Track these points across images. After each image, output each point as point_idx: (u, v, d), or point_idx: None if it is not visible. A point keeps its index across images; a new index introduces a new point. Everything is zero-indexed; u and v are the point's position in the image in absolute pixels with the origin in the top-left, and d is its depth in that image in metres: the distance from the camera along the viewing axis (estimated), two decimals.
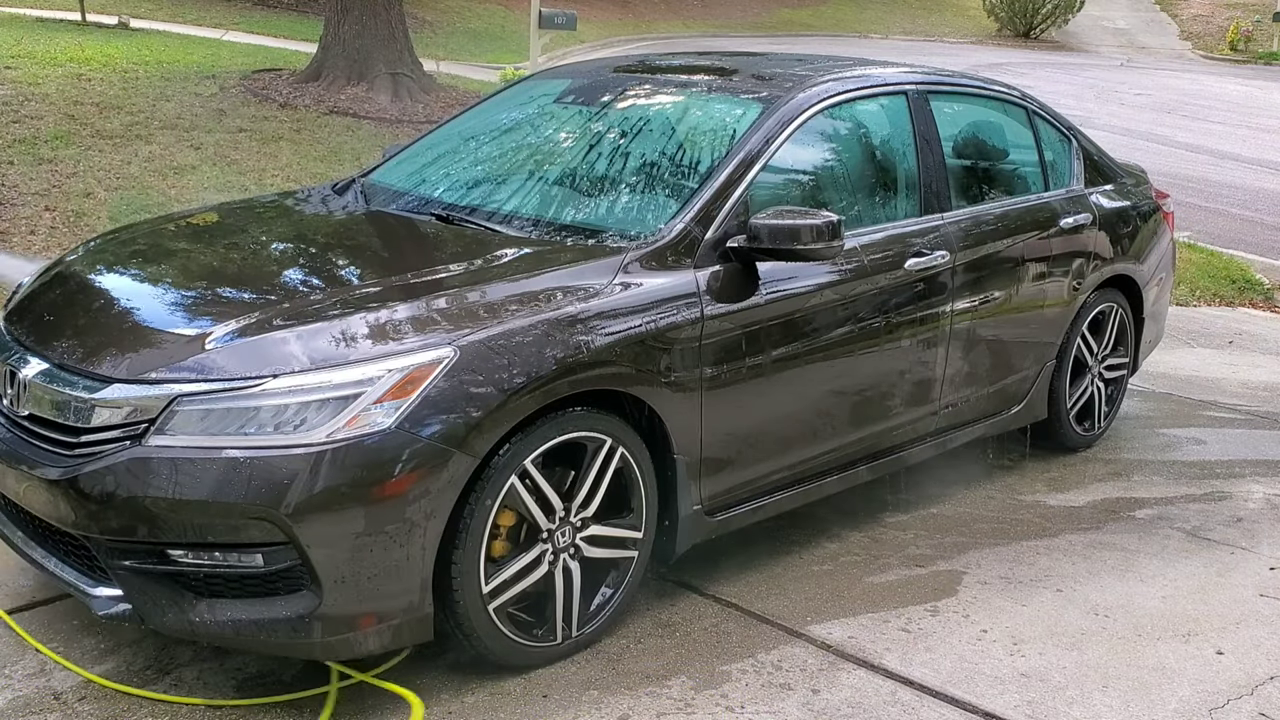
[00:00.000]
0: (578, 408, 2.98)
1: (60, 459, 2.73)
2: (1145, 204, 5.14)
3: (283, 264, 3.45)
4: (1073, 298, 4.64)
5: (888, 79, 4.19)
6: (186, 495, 2.59)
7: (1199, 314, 7.84)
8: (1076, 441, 4.95)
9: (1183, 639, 3.41)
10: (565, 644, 3.08)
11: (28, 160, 7.53)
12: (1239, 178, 13.14)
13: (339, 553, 2.62)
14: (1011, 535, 4.09)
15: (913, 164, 4.08)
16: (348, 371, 2.67)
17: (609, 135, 3.89)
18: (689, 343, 3.18)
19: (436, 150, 4.22)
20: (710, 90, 3.98)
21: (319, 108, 10.08)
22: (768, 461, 3.54)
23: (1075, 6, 30.23)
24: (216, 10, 18.53)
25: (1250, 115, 18.71)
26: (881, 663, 3.18)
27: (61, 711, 2.77)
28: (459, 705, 2.87)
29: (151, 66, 11.18)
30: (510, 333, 2.85)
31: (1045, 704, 3.03)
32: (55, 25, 14.10)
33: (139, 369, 2.74)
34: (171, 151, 8.15)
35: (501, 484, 2.83)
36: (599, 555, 3.12)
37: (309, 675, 2.96)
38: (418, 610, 2.76)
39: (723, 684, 3.03)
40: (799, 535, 3.94)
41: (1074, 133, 4.94)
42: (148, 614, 2.70)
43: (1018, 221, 4.41)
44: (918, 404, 4.04)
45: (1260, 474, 4.87)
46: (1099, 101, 18.38)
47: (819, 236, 3.28)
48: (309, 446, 2.59)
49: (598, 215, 3.49)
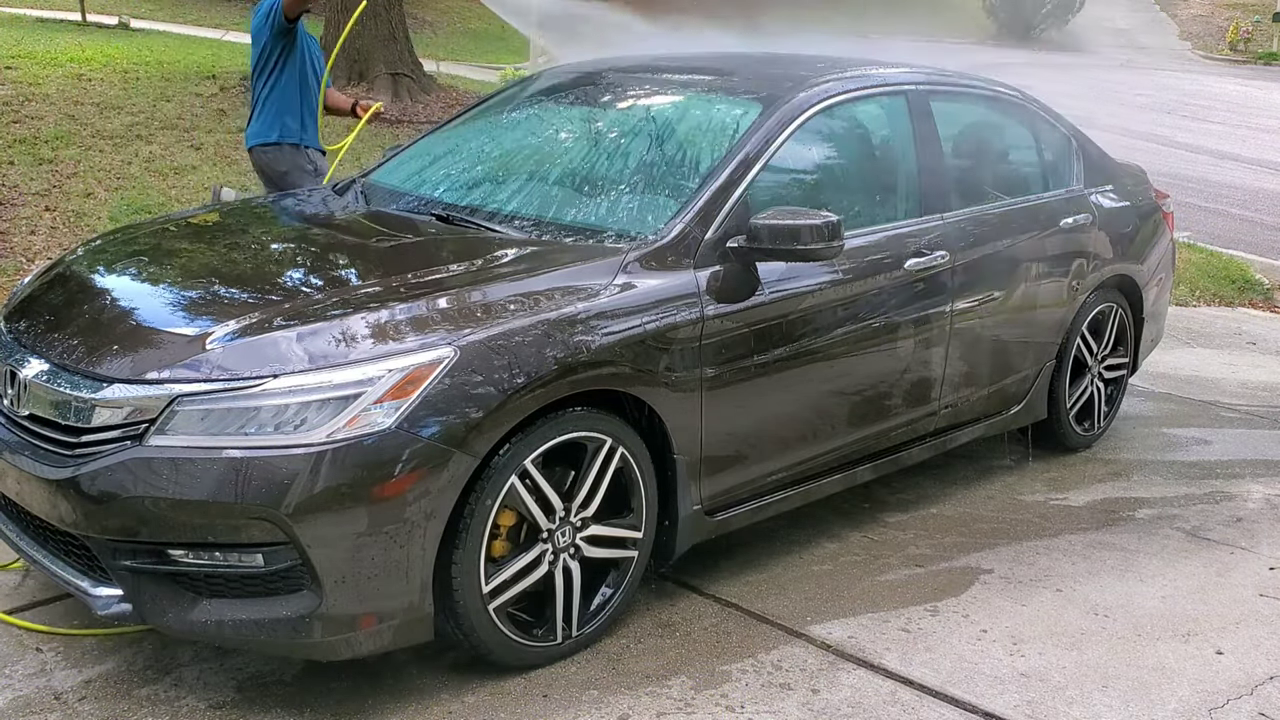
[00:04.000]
0: (578, 408, 2.99)
1: (60, 459, 2.73)
2: (1145, 204, 5.14)
3: (283, 264, 3.45)
4: (1072, 298, 4.64)
5: (888, 79, 4.19)
6: (187, 495, 2.59)
7: (1199, 314, 7.84)
8: (1076, 441, 4.95)
9: (1182, 639, 3.41)
10: (565, 644, 3.08)
11: (28, 160, 7.53)
12: (1239, 178, 13.14)
13: (339, 553, 2.62)
14: (1011, 535, 4.09)
15: (912, 164, 4.08)
16: (348, 371, 2.67)
17: (609, 135, 3.89)
18: (689, 343, 3.19)
19: (437, 150, 4.22)
20: (710, 90, 3.98)
21: None
22: (768, 461, 3.55)
23: (1075, 6, 30.22)
24: (217, 10, 18.54)
25: (1250, 115, 18.71)
26: (881, 663, 3.18)
27: (61, 711, 2.77)
28: (459, 705, 2.88)
29: (152, 67, 11.18)
30: (510, 333, 2.86)
31: (1045, 704, 3.03)
32: (55, 25, 14.10)
33: (139, 369, 2.74)
34: (172, 152, 8.15)
35: (501, 484, 2.83)
36: (599, 555, 3.12)
37: (309, 675, 2.96)
38: (418, 610, 2.76)
39: (723, 684, 3.03)
40: (799, 535, 3.95)
41: (1074, 133, 4.94)
42: (148, 614, 2.70)
43: (1017, 221, 4.41)
44: (917, 404, 4.04)
45: (1260, 474, 4.87)
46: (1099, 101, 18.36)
47: (819, 237, 3.28)
48: (309, 446, 2.59)
49: (598, 215, 3.49)
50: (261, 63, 5.20)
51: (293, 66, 5.19)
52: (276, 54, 5.15)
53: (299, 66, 5.21)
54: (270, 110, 5.18)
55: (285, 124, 5.21)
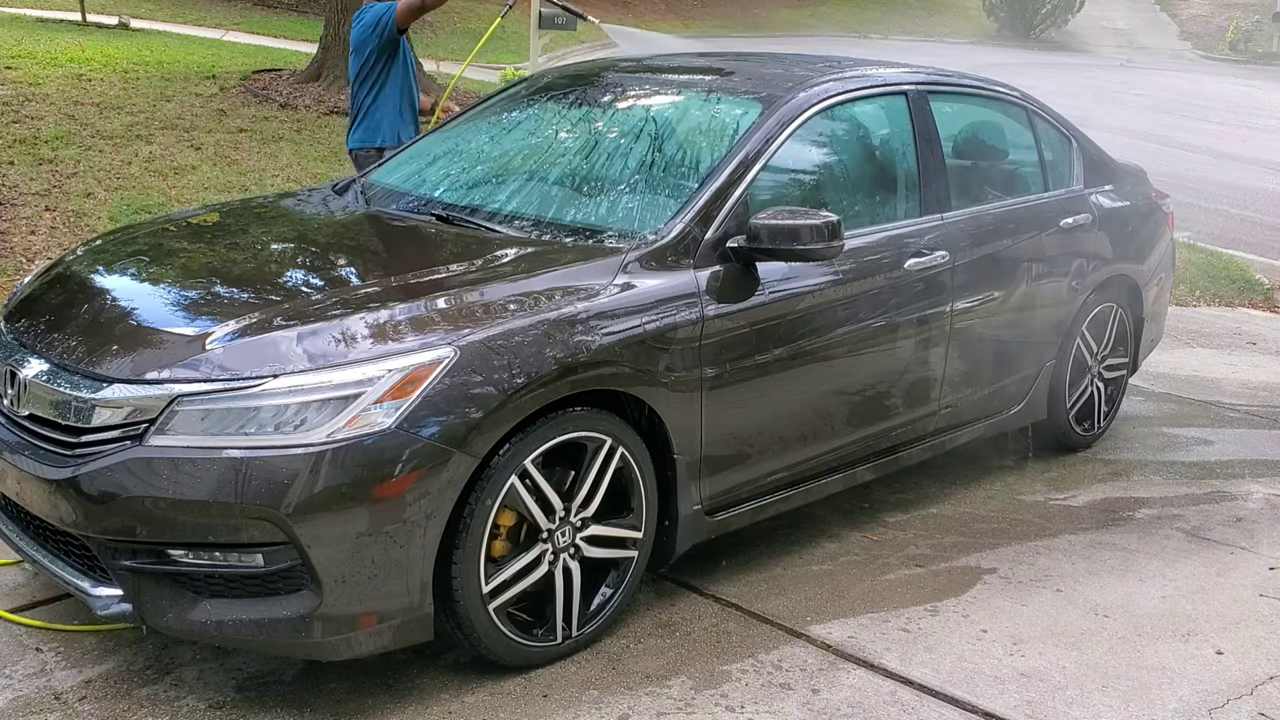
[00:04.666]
0: (578, 408, 2.99)
1: (60, 459, 2.73)
2: (1145, 204, 5.14)
3: (283, 264, 3.45)
4: (1072, 298, 4.64)
5: (888, 79, 4.19)
6: (187, 495, 2.59)
7: (1199, 314, 7.84)
8: (1076, 441, 4.95)
9: (1182, 639, 3.41)
10: (565, 644, 3.08)
11: (28, 160, 7.53)
12: (1239, 178, 13.14)
13: (339, 552, 2.62)
14: (1011, 535, 4.09)
15: (912, 164, 4.08)
16: (348, 371, 2.67)
17: (609, 135, 3.90)
18: (689, 343, 3.19)
19: (437, 150, 4.23)
20: (710, 90, 3.98)
21: (319, 108, 10.08)
22: (768, 461, 3.55)
23: (1075, 6, 30.23)
24: (217, 10, 18.53)
25: (1250, 115, 18.71)
26: (881, 662, 3.18)
27: (61, 711, 2.77)
28: (459, 705, 2.88)
29: (152, 67, 11.19)
30: (510, 333, 2.86)
31: (1045, 704, 3.03)
32: (55, 25, 14.10)
33: (139, 369, 2.74)
34: (172, 152, 8.15)
35: (501, 484, 2.83)
36: (599, 555, 3.12)
37: (309, 675, 2.96)
38: (418, 610, 2.76)
39: (723, 684, 3.03)
40: (799, 535, 3.95)
41: (1074, 133, 4.94)
42: (148, 614, 2.70)
43: (1018, 221, 4.41)
44: (918, 404, 4.04)
45: (1260, 474, 4.87)
46: (1099, 101, 18.37)
47: (819, 236, 3.28)
48: (309, 446, 2.59)
49: (598, 215, 3.49)
50: (365, 71, 5.40)
51: (396, 74, 5.42)
52: (382, 62, 5.37)
53: (402, 73, 5.44)
54: (375, 116, 5.40)
55: (389, 130, 5.42)
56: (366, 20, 5.34)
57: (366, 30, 5.33)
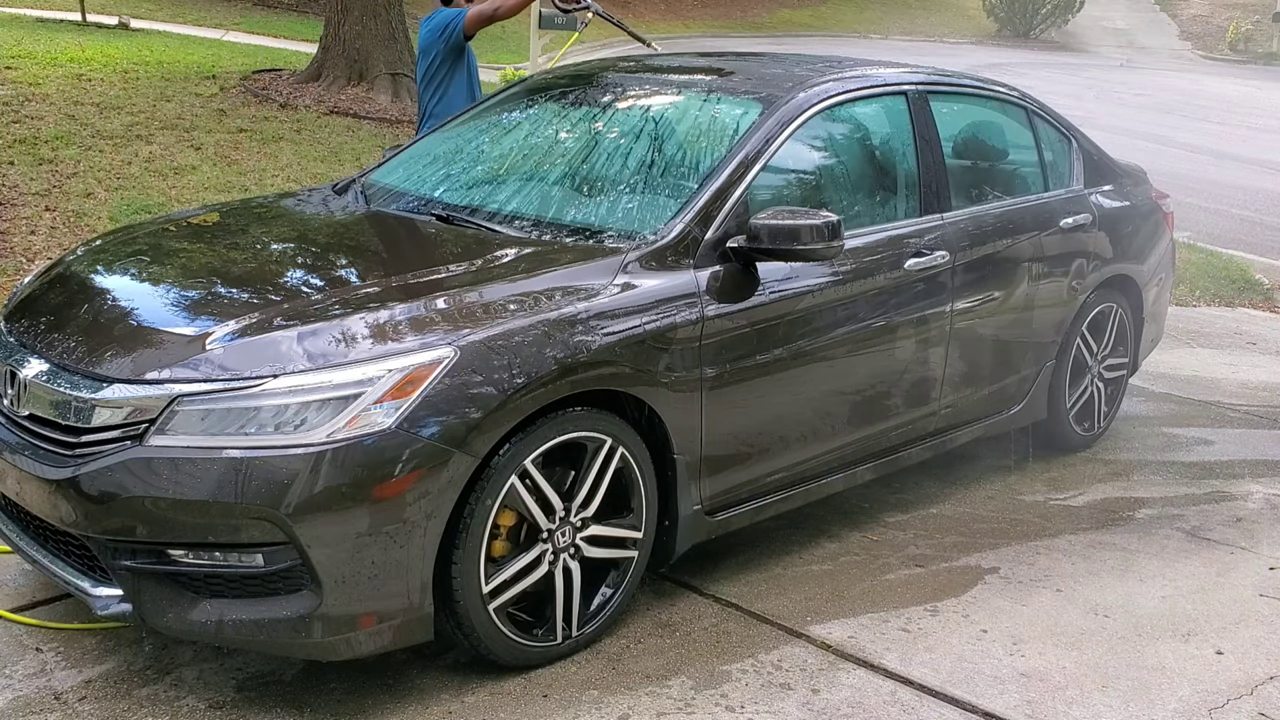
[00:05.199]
0: (578, 408, 2.99)
1: (61, 459, 2.73)
2: (1145, 204, 5.14)
3: (283, 264, 3.45)
4: (1072, 298, 4.64)
5: (887, 79, 4.19)
6: (187, 495, 2.59)
7: (1199, 314, 7.84)
8: (1076, 442, 4.95)
9: (1182, 639, 3.41)
10: (565, 644, 3.08)
11: (28, 160, 7.53)
12: (1239, 178, 13.14)
13: (339, 553, 2.62)
14: (1011, 535, 4.09)
15: (912, 164, 4.08)
16: (348, 371, 2.67)
17: (609, 135, 3.89)
18: (689, 343, 3.19)
19: (436, 150, 4.23)
20: (710, 90, 3.98)
21: (319, 108, 10.08)
22: (768, 461, 3.55)
23: (1075, 6, 30.22)
24: (217, 10, 18.54)
25: (1250, 115, 18.71)
26: (881, 662, 3.18)
27: (61, 711, 2.77)
28: (459, 705, 2.88)
29: (152, 67, 11.19)
30: (510, 333, 2.86)
31: (1045, 704, 3.03)
32: (55, 25, 14.10)
33: (139, 369, 2.74)
34: (172, 152, 8.15)
35: (501, 484, 2.83)
36: (599, 555, 3.12)
37: (309, 675, 2.96)
38: (418, 610, 2.76)
39: (723, 684, 3.03)
40: (799, 535, 3.95)
41: (1073, 133, 4.94)
42: (148, 614, 2.70)
43: (1017, 221, 4.41)
44: (918, 404, 4.04)
45: (1260, 474, 4.88)
46: (1098, 101, 18.38)
47: (819, 237, 3.29)
48: (309, 446, 2.59)
49: (598, 215, 3.49)
50: (431, 74, 5.51)
51: (461, 77, 5.53)
52: (447, 66, 5.48)
53: (466, 77, 5.55)
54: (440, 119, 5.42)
55: None
56: (435, 24, 5.44)
57: (434, 34, 5.42)
